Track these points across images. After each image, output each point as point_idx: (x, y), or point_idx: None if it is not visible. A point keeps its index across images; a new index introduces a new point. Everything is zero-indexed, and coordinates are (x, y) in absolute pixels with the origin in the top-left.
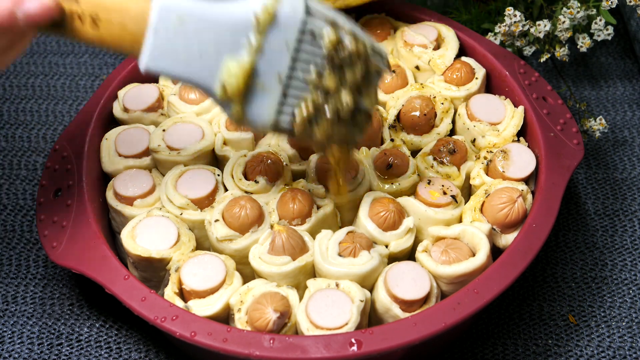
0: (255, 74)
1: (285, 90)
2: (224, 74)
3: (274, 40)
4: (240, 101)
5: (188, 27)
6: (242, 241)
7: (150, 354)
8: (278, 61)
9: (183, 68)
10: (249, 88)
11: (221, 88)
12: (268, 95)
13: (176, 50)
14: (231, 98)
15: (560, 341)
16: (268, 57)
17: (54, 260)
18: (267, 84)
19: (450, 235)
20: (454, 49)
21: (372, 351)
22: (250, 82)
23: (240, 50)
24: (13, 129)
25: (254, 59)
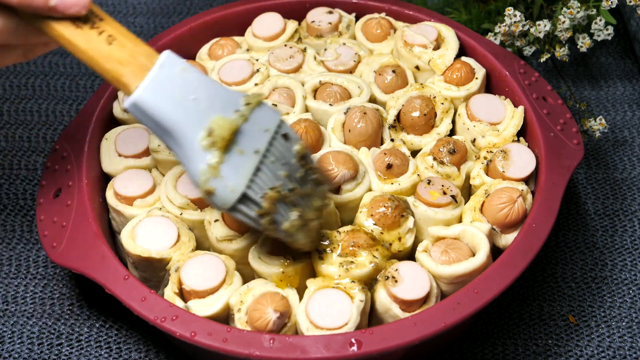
0: (237, 136)
1: (259, 165)
2: (213, 123)
3: (257, 119)
4: (221, 150)
5: (189, 76)
6: (242, 241)
7: (150, 354)
8: (257, 138)
9: (172, 108)
10: (229, 145)
11: (207, 132)
12: (244, 162)
13: (172, 91)
14: (215, 144)
15: (560, 341)
16: (250, 129)
17: (54, 260)
18: (246, 151)
19: (450, 235)
20: (454, 49)
21: (372, 351)
22: (233, 140)
23: (229, 113)
24: (13, 129)
25: (240, 122)
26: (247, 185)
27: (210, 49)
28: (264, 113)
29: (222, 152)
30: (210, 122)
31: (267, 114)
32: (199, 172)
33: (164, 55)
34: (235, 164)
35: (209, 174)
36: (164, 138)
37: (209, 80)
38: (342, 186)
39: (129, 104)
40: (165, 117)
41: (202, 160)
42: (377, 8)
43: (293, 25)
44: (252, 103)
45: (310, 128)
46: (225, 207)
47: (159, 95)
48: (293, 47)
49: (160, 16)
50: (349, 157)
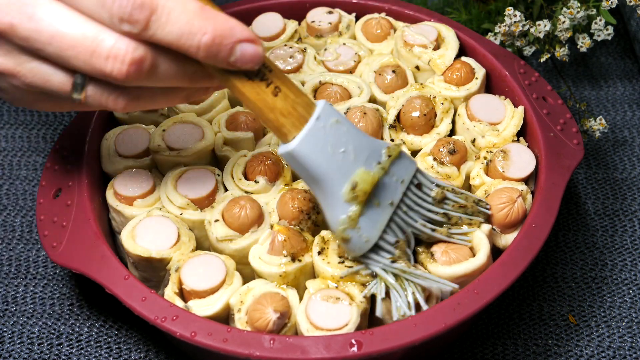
0: (376, 190)
1: (392, 216)
2: (357, 176)
3: (395, 170)
4: (361, 204)
5: (341, 129)
6: (242, 241)
7: (150, 354)
8: (393, 190)
9: (323, 160)
10: (369, 198)
11: (351, 186)
12: (379, 214)
13: (325, 143)
14: (357, 198)
15: (560, 341)
16: (388, 181)
17: (54, 260)
18: (382, 203)
19: None
20: (454, 49)
21: (372, 352)
22: (372, 193)
23: (372, 167)
24: (13, 129)
25: (381, 175)
26: (380, 236)
27: None
28: (402, 163)
29: (362, 205)
30: (355, 175)
31: (404, 165)
32: (339, 221)
33: (320, 106)
34: (372, 216)
35: (348, 224)
36: (309, 183)
37: (358, 132)
38: None
39: (284, 152)
40: (316, 169)
41: (343, 211)
42: (377, 8)
43: (293, 25)
44: (392, 155)
45: None
46: (358, 254)
47: (312, 147)
48: (293, 47)
49: None
50: None
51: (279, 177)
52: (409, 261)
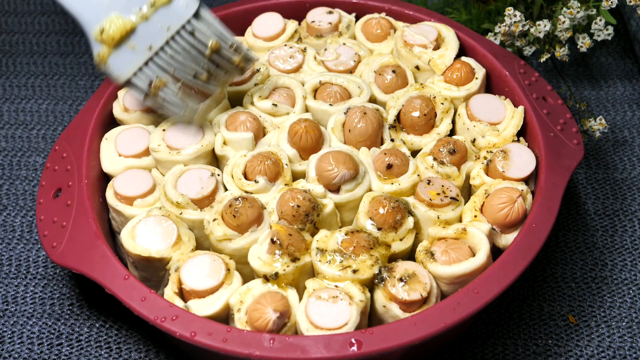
0: (132, 34)
1: (149, 60)
2: (107, 21)
3: (160, 19)
4: (109, 47)
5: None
6: (242, 241)
7: (150, 354)
8: (155, 36)
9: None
10: (121, 42)
11: (99, 30)
12: (134, 56)
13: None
14: (104, 41)
15: (560, 341)
16: (149, 28)
17: (54, 260)
18: (138, 47)
19: (450, 236)
20: (454, 49)
21: (372, 351)
22: (125, 38)
23: (130, 13)
24: (13, 129)
25: (137, 23)
26: (134, 74)
27: None
28: (172, 11)
29: (109, 47)
30: (106, 20)
31: (174, 12)
32: (94, 56)
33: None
34: (124, 57)
35: (99, 61)
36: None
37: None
38: (342, 186)
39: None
40: (68, 5)
41: (95, 48)
42: (377, 8)
43: (293, 25)
44: (157, 3)
45: (310, 128)
46: (117, 83)
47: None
48: (293, 47)
49: None
50: (349, 157)
51: (278, 177)
52: None
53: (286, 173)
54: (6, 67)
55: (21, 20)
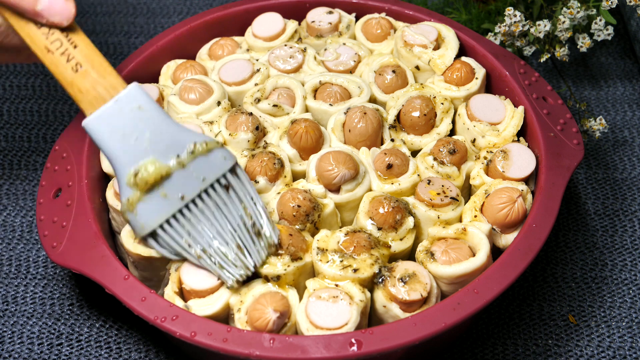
0: (166, 181)
1: (179, 212)
2: (142, 165)
3: (196, 169)
4: (141, 192)
5: (143, 115)
6: None
7: (150, 354)
8: (189, 186)
9: (110, 142)
10: (154, 187)
11: (133, 173)
12: (164, 205)
13: (118, 126)
14: (137, 185)
15: (560, 341)
16: (183, 177)
17: (54, 260)
18: (170, 196)
19: (450, 236)
20: (454, 49)
21: (372, 351)
22: (159, 183)
23: (167, 159)
24: (13, 129)
25: (173, 169)
26: (160, 226)
27: (210, 49)
28: (211, 161)
29: (142, 192)
30: (141, 163)
31: (213, 162)
32: (122, 202)
33: (125, 90)
34: (152, 205)
35: (126, 207)
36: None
37: (164, 121)
38: (342, 186)
39: (83, 124)
40: (105, 148)
41: (124, 192)
42: (377, 8)
43: (293, 25)
44: (197, 152)
45: (310, 128)
46: (137, 236)
47: (104, 128)
48: (293, 47)
49: (160, 16)
50: (349, 157)
51: (279, 177)
52: None
53: (286, 173)
54: (6, 67)
55: None
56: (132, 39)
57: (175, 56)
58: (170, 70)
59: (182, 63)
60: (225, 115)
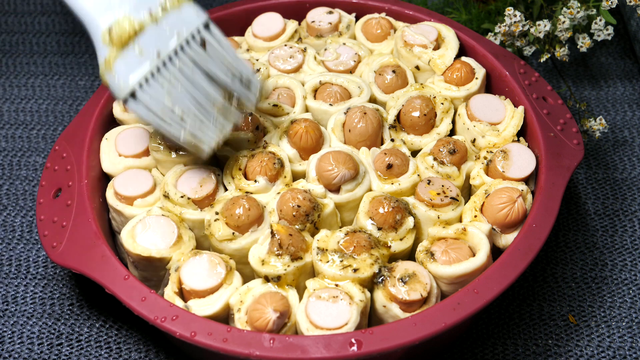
0: (140, 36)
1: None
2: (115, 22)
3: (169, 24)
4: (117, 49)
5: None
6: (242, 241)
7: (150, 354)
8: (164, 41)
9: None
10: (129, 43)
11: (107, 31)
12: (141, 61)
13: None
14: (111, 41)
15: (560, 341)
16: (157, 33)
17: (54, 260)
18: (145, 52)
19: (450, 236)
20: (454, 49)
21: (372, 351)
22: (133, 38)
23: (139, 13)
24: (13, 129)
25: (146, 23)
26: (139, 85)
27: None
28: (180, 17)
29: (117, 49)
30: (115, 20)
31: (186, 18)
32: (99, 63)
33: None
34: (129, 62)
35: (104, 67)
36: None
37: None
38: (342, 186)
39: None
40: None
41: (102, 53)
42: (377, 8)
43: (293, 25)
44: (167, 8)
45: (310, 128)
46: (118, 98)
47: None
48: (293, 47)
49: None
50: (349, 157)
51: (279, 177)
52: None
53: (286, 173)
54: (6, 67)
55: (21, 20)
56: None
57: None
58: None
59: None
60: None
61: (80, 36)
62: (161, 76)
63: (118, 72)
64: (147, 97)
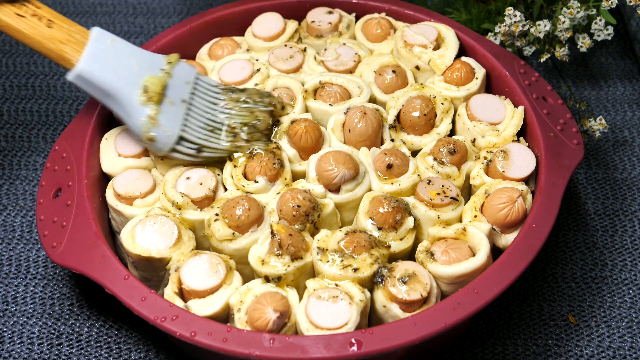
0: (166, 90)
1: (187, 112)
2: (146, 81)
3: (179, 74)
4: (156, 104)
5: (118, 46)
6: (242, 241)
7: (150, 354)
8: (182, 90)
9: (110, 74)
10: (162, 99)
11: (143, 90)
12: (175, 110)
13: (108, 60)
14: (151, 98)
15: (560, 341)
16: (174, 85)
17: (54, 260)
18: (175, 101)
19: (450, 236)
20: (454, 49)
21: (372, 351)
22: (163, 94)
23: (157, 71)
24: (13, 129)
25: (168, 77)
26: (182, 129)
27: (210, 49)
28: (183, 69)
29: (157, 104)
30: (144, 81)
31: (185, 69)
32: (140, 124)
33: (94, 31)
34: (168, 113)
35: (149, 124)
36: (106, 102)
37: (136, 48)
38: (342, 186)
39: (73, 76)
40: (105, 83)
41: (141, 114)
42: (377, 8)
43: (293, 25)
44: (172, 62)
45: (310, 128)
46: (166, 149)
47: (97, 65)
48: (293, 47)
49: (160, 16)
50: (349, 157)
51: (279, 177)
52: None
53: (286, 173)
54: (6, 67)
55: None
56: (132, 39)
57: None
58: None
59: None
60: None
61: None
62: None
63: (164, 124)
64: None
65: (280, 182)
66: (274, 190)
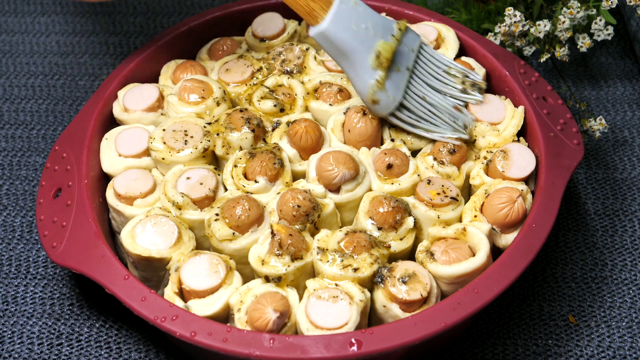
0: (395, 57)
1: (409, 79)
2: (379, 47)
3: (406, 42)
4: (386, 69)
5: (359, 9)
6: (242, 241)
7: (150, 354)
8: (408, 58)
9: (350, 37)
10: (391, 66)
11: (375, 55)
12: (400, 77)
13: (349, 21)
14: (381, 64)
15: (560, 341)
16: (402, 52)
17: (54, 260)
18: (400, 68)
19: (450, 235)
20: (454, 49)
21: (372, 351)
22: (392, 61)
23: (388, 38)
24: (13, 129)
25: (397, 44)
26: (403, 96)
27: (210, 49)
28: (409, 36)
29: (386, 71)
30: (377, 46)
31: (411, 37)
32: (369, 85)
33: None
34: (394, 79)
35: (377, 87)
36: (339, 60)
37: (372, 11)
38: (342, 186)
39: (316, 33)
40: (345, 44)
41: (371, 77)
42: (377, 8)
43: (293, 25)
44: (402, 29)
45: (310, 128)
46: (386, 113)
47: (340, 26)
48: (293, 47)
49: (160, 16)
50: (349, 157)
51: (279, 177)
52: None
53: (286, 173)
54: (6, 67)
55: (21, 20)
56: (132, 39)
57: (175, 56)
58: (170, 70)
59: (182, 63)
60: (225, 115)
61: (81, 36)
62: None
63: (389, 90)
64: (410, 105)
65: (281, 182)
66: (274, 190)
